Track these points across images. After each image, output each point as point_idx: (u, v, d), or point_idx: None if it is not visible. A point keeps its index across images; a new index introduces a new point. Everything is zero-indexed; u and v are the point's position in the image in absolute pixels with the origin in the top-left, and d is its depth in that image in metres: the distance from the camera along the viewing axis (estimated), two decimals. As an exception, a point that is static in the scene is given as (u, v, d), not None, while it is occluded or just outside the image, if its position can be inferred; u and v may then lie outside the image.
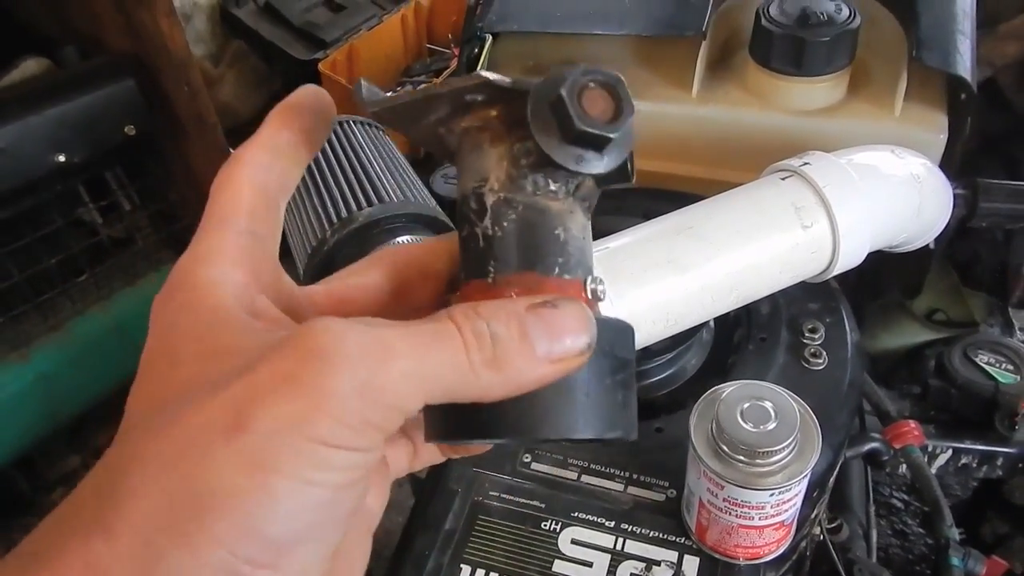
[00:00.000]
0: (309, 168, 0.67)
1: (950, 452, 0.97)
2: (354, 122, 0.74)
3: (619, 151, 0.26)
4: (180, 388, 0.23)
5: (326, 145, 0.72)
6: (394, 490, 0.30)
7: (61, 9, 1.43)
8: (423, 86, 0.26)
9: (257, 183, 0.27)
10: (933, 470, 0.98)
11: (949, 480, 1.17)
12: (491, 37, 0.79)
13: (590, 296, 0.28)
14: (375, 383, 0.22)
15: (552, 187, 0.27)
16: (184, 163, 1.49)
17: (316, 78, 1.97)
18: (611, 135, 0.25)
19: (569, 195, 0.28)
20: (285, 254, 0.40)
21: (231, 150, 0.29)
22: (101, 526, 0.21)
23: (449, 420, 0.26)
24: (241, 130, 1.93)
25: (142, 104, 1.37)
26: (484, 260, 0.27)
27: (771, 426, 0.48)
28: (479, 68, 0.80)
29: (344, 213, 0.66)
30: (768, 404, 0.49)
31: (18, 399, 1.35)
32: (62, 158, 1.31)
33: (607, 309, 0.54)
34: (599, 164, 0.26)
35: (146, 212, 1.53)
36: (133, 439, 0.23)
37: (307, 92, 0.29)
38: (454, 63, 2.10)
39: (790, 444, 0.48)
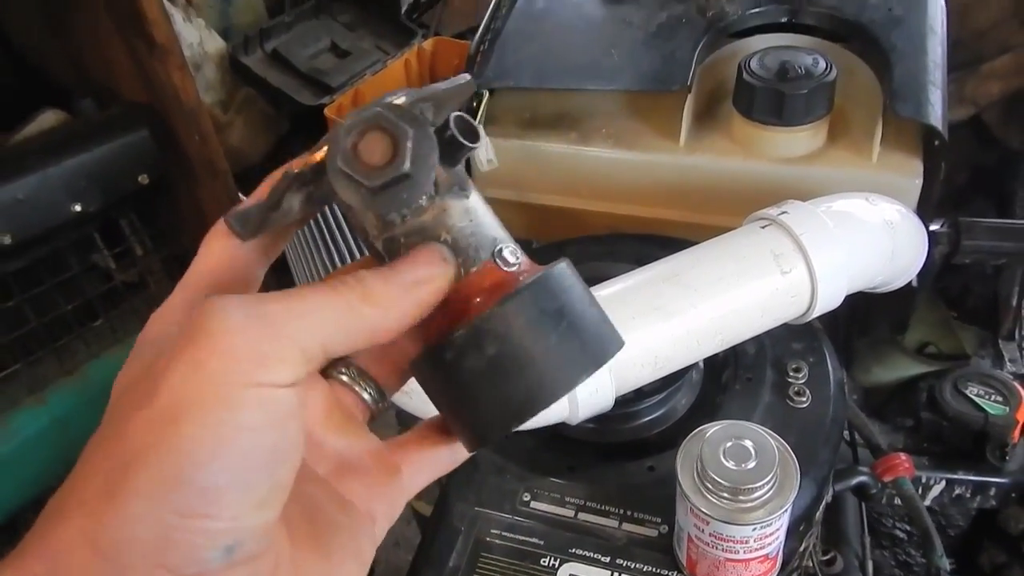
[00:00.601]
0: (317, 223, 0.70)
1: (944, 483, 0.99)
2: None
3: (422, 170, 0.26)
4: (116, 402, 0.26)
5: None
6: (402, 527, 0.32)
7: (79, 62, 1.49)
8: (270, 185, 0.29)
9: (227, 252, 0.29)
10: (928, 501, 1.00)
11: (950, 510, 1.19)
12: (488, 92, 0.83)
13: (503, 266, 0.29)
14: (264, 319, 0.24)
15: (420, 202, 0.28)
16: (196, 208, 1.54)
17: (322, 123, 2.02)
18: (403, 170, 0.25)
19: (433, 198, 0.28)
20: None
21: (241, 195, 0.32)
22: (59, 514, 0.24)
23: (472, 433, 0.29)
24: (249, 173, 1.98)
25: (156, 153, 1.41)
26: None
27: (751, 464, 0.51)
28: (477, 121, 0.84)
29: (350, 264, 0.70)
30: (749, 443, 0.52)
31: (34, 443, 1.38)
32: (78, 207, 1.35)
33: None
34: (416, 191, 0.26)
35: (158, 256, 1.57)
36: (86, 446, 0.25)
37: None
38: (457, 104, 2.16)
39: (770, 480, 0.50)
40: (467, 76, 0.31)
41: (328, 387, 0.31)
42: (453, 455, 0.32)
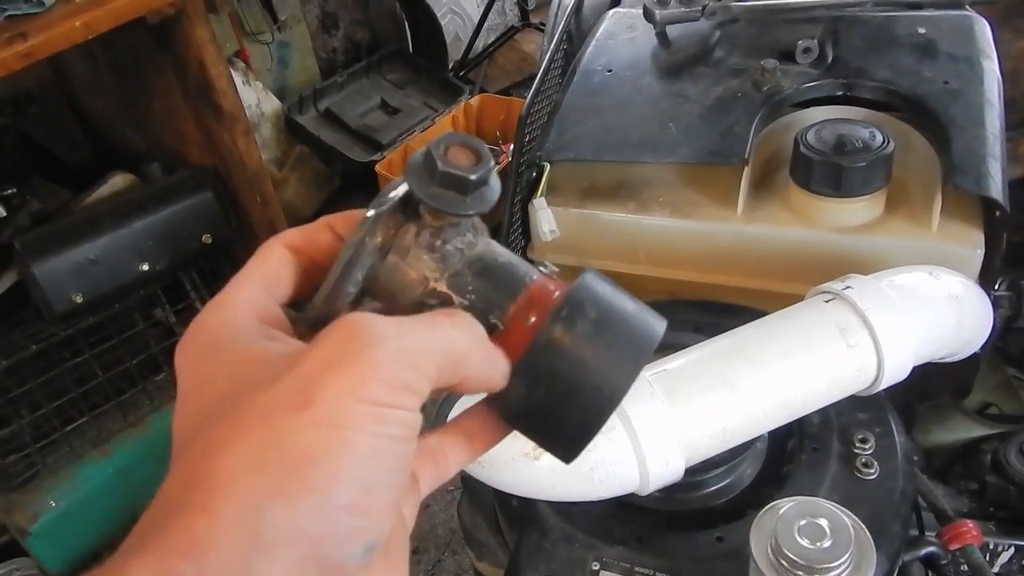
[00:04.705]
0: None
1: (1012, 550, 0.97)
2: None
3: (481, 196, 0.30)
4: (224, 395, 0.27)
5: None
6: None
7: (151, 130, 1.56)
8: (339, 265, 0.31)
9: (284, 259, 0.32)
10: (996, 568, 0.98)
11: (1018, 576, 1.15)
12: (549, 163, 0.86)
13: (548, 275, 0.33)
14: (405, 352, 0.27)
15: (468, 238, 0.32)
16: (255, 266, 1.59)
17: (373, 179, 2.08)
18: (471, 176, 0.30)
19: (479, 234, 0.32)
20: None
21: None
22: (197, 506, 0.24)
23: (568, 439, 0.31)
24: (303, 228, 2.04)
25: (219, 214, 1.47)
26: (484, 320, 0.31)
27: (827, 543, 0.51)
28: (538, 192, 0.86)
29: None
30: (824, 521, 0.53)
31: (99, 494, 1.42)
32: (145, 266, 1.41)
33: (665, 423, 0.58)
34: (464, 205, 0.30)
35: (218, 312, 1.62)
36: (201, 439, 0.26)
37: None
38: (503, 159, 2.21)
39: (846, 561, 0.51)
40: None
41: None
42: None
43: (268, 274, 0.32)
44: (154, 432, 1.47)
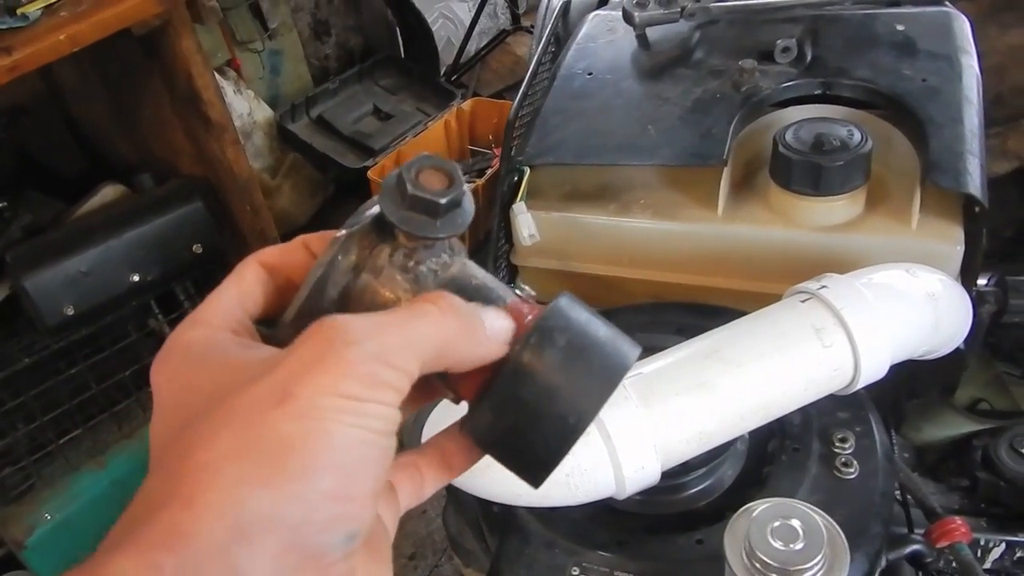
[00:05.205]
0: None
1: (1004, 546, 0.97)
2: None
3: (452, 219, 0.31)
4: (204, 400, 0.27)
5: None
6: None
7: (141, 141, 1.56)
8: (308, 284, 0.31)
9: (259, 278, 0.33)
10: (988, 564, 0.98)
11: (1012, 572, 1.15)
12: (529, 168, 0.86)
13: (526, 300, 0.33)
14: (382, 351, 0.27)
15: (443, 259, 0.32)
16: (247, 275, 1.59)
17: (366, 184, 2.09)
18: (440, 200, 0.30)
19: (455, 255, 0.32)
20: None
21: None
22: (180, 499, 0.24)
23: (533, 464, 0.32)
24: (297, 235, 2.04)
25: (210, 224, 1.47)
26: None
27: (799, 544, 0.51)
28: (519, 197, 0.86)
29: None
30: (796, 522, 0.52)
31: (94, 505, 1.41)
32: (136, 278, 1.41)
33: (644, 425, 0.58)
34: (434, 228, 0.30)
35: (211, 321, 1.62)
36: (183, 440, 0.26)
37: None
38: (495, 163, 2.21)
39: (819, 562, 0.51)
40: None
41: None
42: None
43: (242, 292, 0.33)
44: (148, 442, 1.47)
